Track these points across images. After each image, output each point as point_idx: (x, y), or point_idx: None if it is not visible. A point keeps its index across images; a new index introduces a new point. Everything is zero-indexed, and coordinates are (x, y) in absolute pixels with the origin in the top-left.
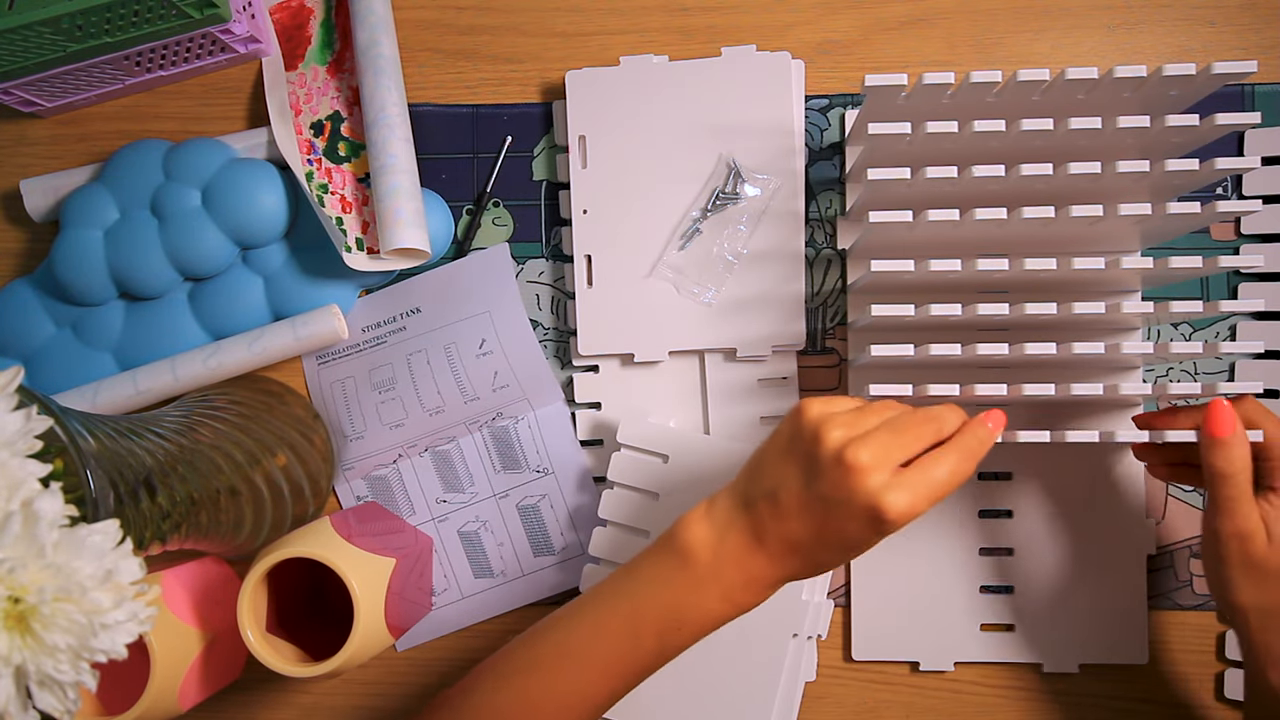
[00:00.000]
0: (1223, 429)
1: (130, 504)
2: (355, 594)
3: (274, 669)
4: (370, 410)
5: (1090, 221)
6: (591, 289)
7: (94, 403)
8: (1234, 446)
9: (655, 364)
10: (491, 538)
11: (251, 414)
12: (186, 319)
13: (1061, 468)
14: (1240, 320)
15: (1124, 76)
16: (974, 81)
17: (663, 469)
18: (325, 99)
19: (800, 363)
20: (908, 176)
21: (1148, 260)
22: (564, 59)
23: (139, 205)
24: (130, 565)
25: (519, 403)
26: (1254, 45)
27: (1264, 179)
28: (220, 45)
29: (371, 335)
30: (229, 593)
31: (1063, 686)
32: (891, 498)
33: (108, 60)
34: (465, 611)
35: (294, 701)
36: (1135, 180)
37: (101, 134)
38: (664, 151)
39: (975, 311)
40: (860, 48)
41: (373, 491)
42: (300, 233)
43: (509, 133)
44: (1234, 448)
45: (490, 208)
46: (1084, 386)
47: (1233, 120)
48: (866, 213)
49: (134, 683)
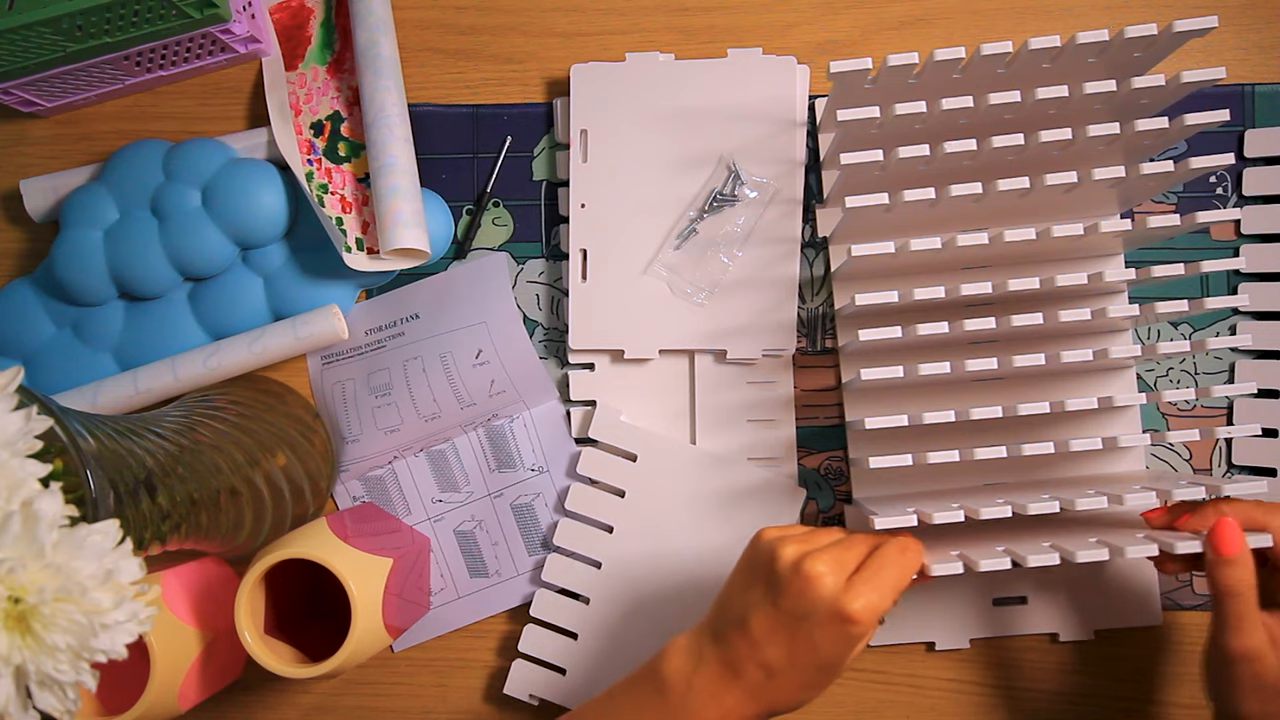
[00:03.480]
0: (1229, 548)
1: (130, 504)
2: (353, 594)
3: (271, 670)
4: (367, 414)
5: (1066, 189)
6: (585, 284)
7: (94, 403)
8: (1240, 566)
9: (646, 362)
10: (486, 537)
11: (251, 414)
12: (186, 319)
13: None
14: (1241, 320)
15: (1087, 42)
16: (938, 60)
17: (631, 469)
18: (325, 99)
19: (800, 362)
20: (880, 159)
21: (1126, 223)
22: (564, 59)
23: (139, 205)
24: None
25: (514, 404)
26: (1254, 45)
27: (1264, 178)
28: (220, 45)
29: (373, 339)
30: (229, 593)
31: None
32: (851, 597)
33: (108, 60)
34: (462, 611)
35: (294, 702)
36: (1107, 143)
37: (101, 134)
38: (665, 150)
39: (959, 291)
40: (861, 48)
41: (369, 492)
42: (300, 233)
43: (509, 133)
44: (1240, 567)
45: (490, 208)
46: (1077, 402)
47: (1199, 76)
48: (843, 198)
49: (134, 683)
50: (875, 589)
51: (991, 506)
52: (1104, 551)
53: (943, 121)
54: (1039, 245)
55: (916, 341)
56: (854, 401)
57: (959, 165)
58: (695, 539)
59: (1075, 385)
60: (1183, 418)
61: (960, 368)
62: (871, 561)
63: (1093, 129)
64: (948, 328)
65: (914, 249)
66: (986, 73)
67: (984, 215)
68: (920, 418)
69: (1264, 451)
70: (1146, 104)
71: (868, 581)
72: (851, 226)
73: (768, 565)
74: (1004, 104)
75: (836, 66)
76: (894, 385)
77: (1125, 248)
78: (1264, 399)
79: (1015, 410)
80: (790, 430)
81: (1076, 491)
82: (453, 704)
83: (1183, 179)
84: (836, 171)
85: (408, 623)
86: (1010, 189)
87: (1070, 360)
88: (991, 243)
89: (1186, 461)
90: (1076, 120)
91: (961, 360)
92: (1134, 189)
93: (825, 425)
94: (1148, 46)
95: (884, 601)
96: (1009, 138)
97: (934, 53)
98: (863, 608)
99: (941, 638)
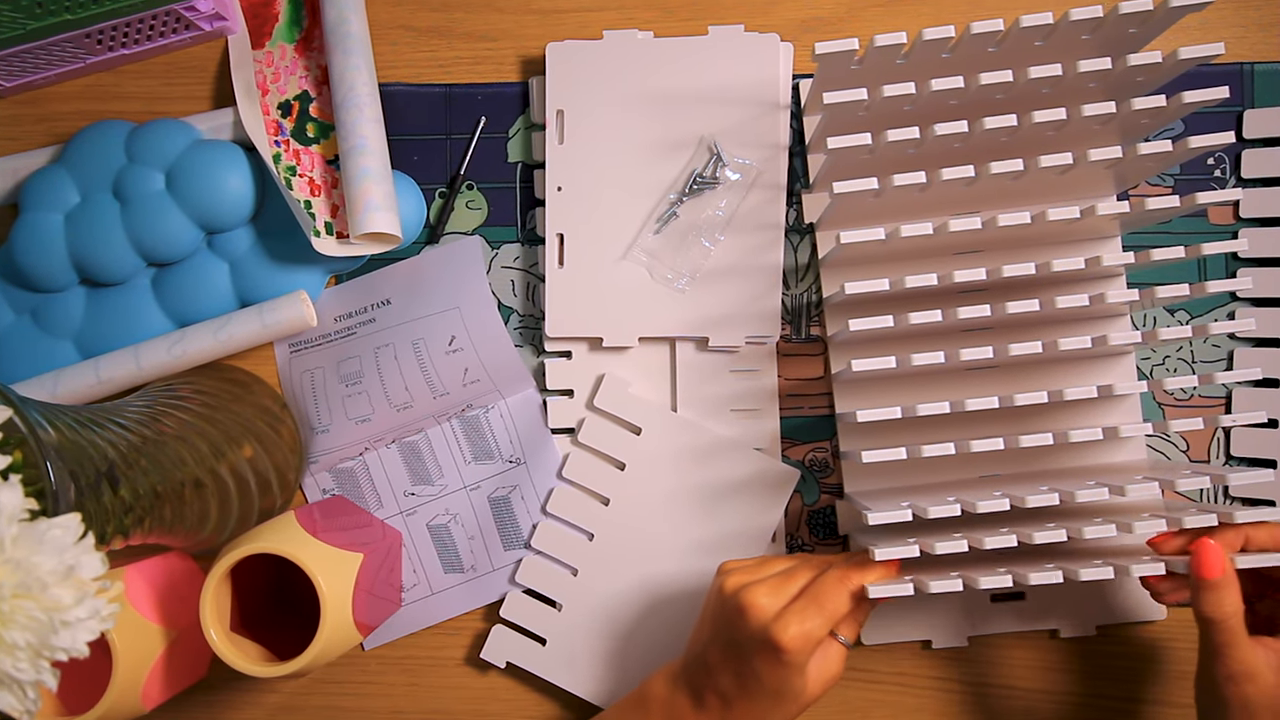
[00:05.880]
0: (1211, 570)
1: (92, 497)
2: (322, 591)
3: (237, 668)
4: (336, 404)
5: (1061, 170)
6: (562, 269)
7: (54, 392)
8: (1224, 589)
9: (625, 350)
10: (462, 531)
11: (217, 404)
12: (150, 306)
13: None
14: (1240, 306)
15: (1081, 18)
16: (926, 40)
17: (634, 441)
18: (293, 78)
19: (784, 350)
20: (869, 142)
21: (1124, 204)
22: (541, 37)
23: (100, 188)
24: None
25: (490, 394)
26: (1252, 22)
27: (1263, 160)
28: (185, 23)
29: (343, 326)
30: (194, 589)
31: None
32: (780, 627)
33: (68, 38)
34: (435, 608)
35: (261, 701)
36: (1103, 123)
37: (62, 114)
38: (644, 131)
39: (952, 277)
40: (846, 25)
41: (339, 485)
42: (267, 217)
43: (484, 113)
44: (1224, 590)
45: (464, 190)
46: (1076, 390)
47: (1196, 53)
48: (831, 183)
49: (96, 682)
50: (807, 619)
51: (989, 500)
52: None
53: (932, 103)
54: (1034, 229)
55: (908, 330)
56: (844, 392)
57: (950, 148)
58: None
59: (1072, 374)
60: (1180, 408)
61: (955, 357)
62: (806, 591)
63: (1087, 108)
64: (941, 315)
65: (905, 235)
66: (977, 52)
67: (977, 199)
68: (914, 409)
69: (1264, 443)
70: (1142, 82)
71: (799, 611)
72: (839, 212)
73: (717, 596)
74: (996, 84)
75: (822, 48)
76: (886, 375)
77: (1122, 230)
78: (1264, 388)
79: (1012, 400)
80: (774, 421)
81: (1076, 483)
82: (425, 703)
83: (1181, 158)
84: (823, 155)
85: (378, 620)
86: (1003, 171)
87: (1068, 347)
88: (985, 227)
89: (1183, 453)
90: (1070, 100)
91: (955, 349)
92: (1131, 169)
93: (810, 416)
94: (1143, 22)
95: (818, 631)
96: (1001, 119)
97: (922, 32)
98: (792, 637)
99: (938, 636)
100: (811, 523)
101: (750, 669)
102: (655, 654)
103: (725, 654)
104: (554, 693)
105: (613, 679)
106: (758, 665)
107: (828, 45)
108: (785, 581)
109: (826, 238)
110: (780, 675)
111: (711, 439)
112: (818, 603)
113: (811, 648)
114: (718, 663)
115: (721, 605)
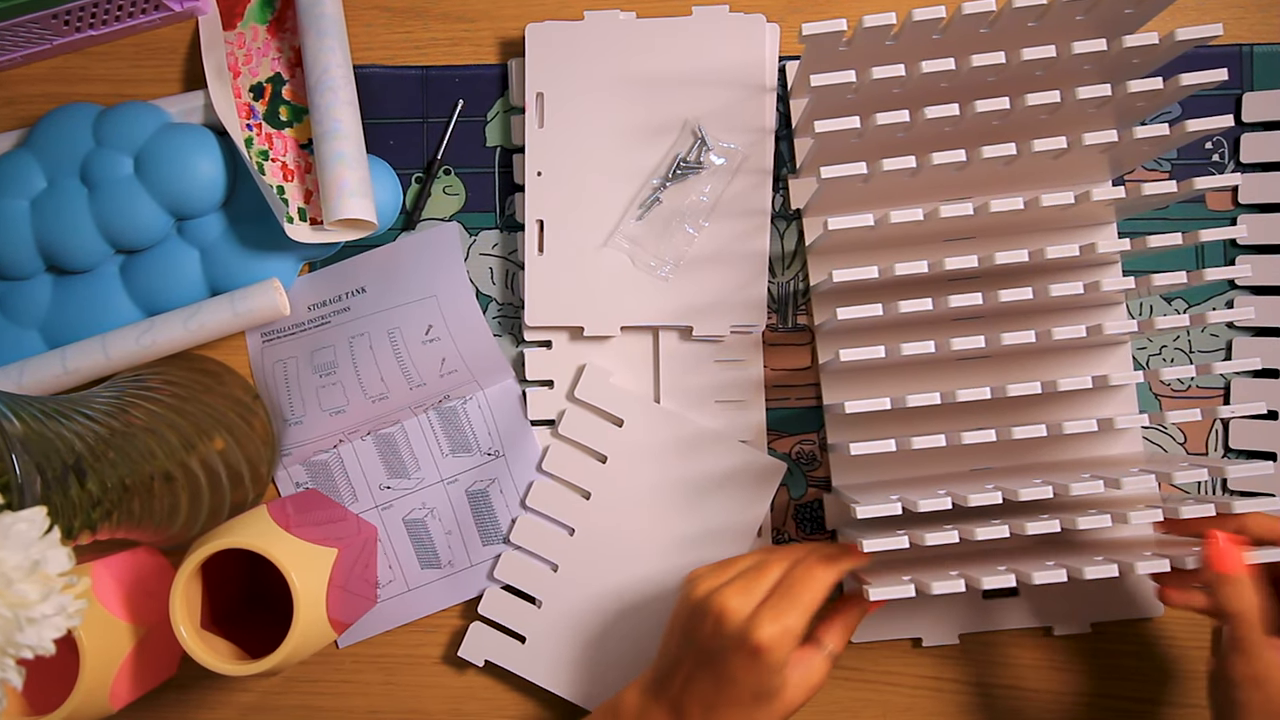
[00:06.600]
0: (1225, 565)
1: (58, 490)
2: (295, 587)
3: (209, 667)
4: (310, 395)
5: (1055, 154)
6: (542, 256)
7: (19, 382)
8: (1242, 583)
9: (607, 339)
10: (439, 525)
11: (188, 395)
12: (118, 294)
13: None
14: (1239, 294)
15: None
16: (916, 20)
17: (616, 433)
18: (265, 60)
19: (770, 340)
20: (857, 125)
21: (1119, 190)
22: (520, 17)
23: (67, 173)
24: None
25: (468, 384)
26: (1251, 3)
27: (1263, 144)
28: (154, 3)
29: (317, 314)
30: (163, 585)
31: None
32: (756, 627)
33: (34, 18)
34: (412, 604)
35: (232, 700)
36: (1098, 106)
37: (27, 97)
38: (626, 114)
39: (943, 265)
40: (834, 5)
41: (313, 478)
42: (239, 202)
43: (461, 96)
44: (1242, 583)
45: (441, 176)
46: (1070, 381)
47: (1194, 34)
48: (818, 168)
49: (62, 681)
50: (783, 615)
51: (980, 493)
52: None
53: (923, 85)
54: (1027, 215)
55: (898, 319)
56: (832, 383)
57: (941, 131)
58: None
59: (1066, 364)
60: (1176, 399)
61: (946, 346)
62: (779, 587)
63: (1082, 91)
64: (932, 304)
65: (895, 221)
66: (969, 32)
67: (968, 184)
68: (904, 400)
69: (1263, 435)
70: (1138, 64)
71: (773, 608)
72: (827, 198)
73: (684, 604)
74: (988, 66)
75: (809, 29)
76: (875, 365)
77: (1118, 216)
78: (1263, 379)
79: (1005, 391)
80: (760, 413)
81: (1070, 476)
82: (401, 702)
83: (1179, 142)
84: (810, 139)
85: (353, 617)
86: (996, 156)
87: (1062, 337)
88: (977, 213)
89: (1181, 445)
90: (1065, 82)
91: (947, 338)
92: (1127, 154)
93: (797, 407)
94: (1139, 2)
95: (795, 625)
96: (993, 101)
97: (912, 12)
98: (770, 635)
99: (928, 633)
100: (798, 517)
101: (728, 674)
102: (637, 652)
103: (700, 662)
104: (533, 691)
105: (593, 677)
106: (735, 669)
107: (815, 26)
108: (755, 580)
109: (814, 224)
110: (760, 677)
111: (695, 431)
112: (790, 597)
113: (791, 643)
114: (693, 671)
115: (691, 614)
